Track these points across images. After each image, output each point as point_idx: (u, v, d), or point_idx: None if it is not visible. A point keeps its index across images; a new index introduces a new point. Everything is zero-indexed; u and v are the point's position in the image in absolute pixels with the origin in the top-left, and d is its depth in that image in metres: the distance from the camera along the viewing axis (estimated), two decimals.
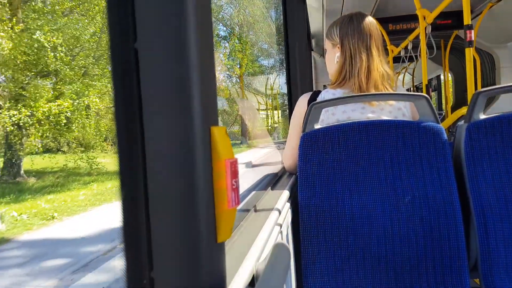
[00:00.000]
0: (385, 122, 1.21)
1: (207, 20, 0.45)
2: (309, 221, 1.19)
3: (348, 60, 1.35)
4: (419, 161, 1.19)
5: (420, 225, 1.15)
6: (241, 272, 0.59)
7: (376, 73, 1.32)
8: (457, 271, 1.12)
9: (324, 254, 1.17)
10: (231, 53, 21.37)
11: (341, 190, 1.19)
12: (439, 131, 1.19)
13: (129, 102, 0.41)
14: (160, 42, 0.41)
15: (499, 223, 1.16)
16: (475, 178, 1.19)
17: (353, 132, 1.21)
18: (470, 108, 1.22)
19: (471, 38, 2.12)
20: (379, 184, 1.19)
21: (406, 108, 1.35)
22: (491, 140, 1.20)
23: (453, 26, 3.64)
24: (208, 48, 0.45)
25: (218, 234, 0.44)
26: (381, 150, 1.20)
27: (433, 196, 1.16)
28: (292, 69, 2.31)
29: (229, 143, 0.47)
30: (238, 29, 21.40)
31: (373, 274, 1.15)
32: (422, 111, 1.23)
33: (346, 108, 1.32)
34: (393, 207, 1.17)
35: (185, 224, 0.41)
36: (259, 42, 22.75)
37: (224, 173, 0.45)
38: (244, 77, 21.45)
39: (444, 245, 1.13)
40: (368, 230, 1.16)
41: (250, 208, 0.97)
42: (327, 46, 1.50)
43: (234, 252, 0.67)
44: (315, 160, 1.22)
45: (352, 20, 1.38)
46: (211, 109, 0.45)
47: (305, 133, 1.24)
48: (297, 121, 1.43)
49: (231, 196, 0.45)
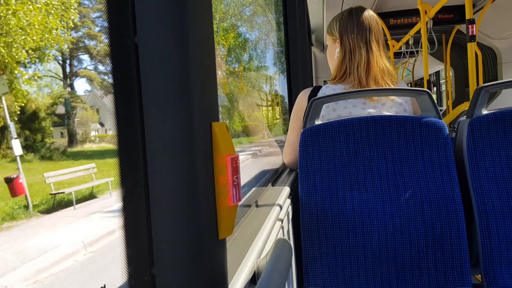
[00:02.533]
0: (387, 118, 1.21)
1: (207, 15, 0.44)
2: (310, 218, 1.18)
3: (348, 55, 1.35)
4: (421, 157, 1.19)
5: (422, 221, 1.15)
6: (242, 269, 0.58)
7: (376, 68, 1.32)
8: (459, 268, 1.12)
9: (325, 250, 1.17)
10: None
11: (342, 187, 1.19)
12: (441, 127, 1.19)
13: (129, 98, 0.41)
14: (161, 37, 0.40)
15: (500, 219, 1.15)
16: (477, 174, 1.19)
17: (354, 127, 1.20)
18: (472, 104, 1.22)
19: (473, 33, 2.11)
20: (380, 180, 1.18)
21: (407, 103, 1.34)
22: (493, 136, 1.19)
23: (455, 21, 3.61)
24: (209, 44, 0.44)
25: (220, 231, 0.44)
26: (382, 145, 1.20)
27: (434, 192, 1.16)
28: (292, 64, 2.30)
29: (229, 139, 0.46)
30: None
31: (374, 270, 1.15)
32: (423, 107, 1.23)
33: (347, 104, 1.31)
34: (394, 203, 1.16)
35: (186, 221, 0.41)
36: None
37: (225, 169, 0.44)
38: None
39: (445, 241, 1.13)
40: (369, 226, 1.16)
41: (251, 204, 0.96)
42: (328, 41, 1.49)
43: (235, 248, 0.67)
44: (315, 156, 1.21)
45: (351, 14, 1.37)
46: (212, 105, 0.44)
47: (305, 129, 1.23)
48: (297, 116, 1.42)
49: (232, 192, 0.45)
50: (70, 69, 28.77)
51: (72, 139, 26.06)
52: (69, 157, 18.83)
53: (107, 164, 14.50)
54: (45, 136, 20.23)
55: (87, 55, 29.84)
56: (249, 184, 1.26)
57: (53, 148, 20.04)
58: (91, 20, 28.62)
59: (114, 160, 0.41)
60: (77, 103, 27.95)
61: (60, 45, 15.28)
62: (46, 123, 21.10)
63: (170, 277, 0.42)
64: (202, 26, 0.43)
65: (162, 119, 0.40)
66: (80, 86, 58.28)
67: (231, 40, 17.99)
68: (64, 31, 15.31)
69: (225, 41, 17.32)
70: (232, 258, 0.59)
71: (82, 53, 29.39)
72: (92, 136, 28.71)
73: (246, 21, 19.97)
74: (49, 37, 12.87)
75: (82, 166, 11.52)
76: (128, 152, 0.41)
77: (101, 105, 31.62)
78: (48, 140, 20.72)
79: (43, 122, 20.40)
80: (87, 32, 28.31)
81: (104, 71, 29.85)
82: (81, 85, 60.88)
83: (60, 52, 25.22)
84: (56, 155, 18.76)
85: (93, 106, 31.45)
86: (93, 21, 28.83)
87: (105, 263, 5.54)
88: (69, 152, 20.86)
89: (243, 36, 19.35)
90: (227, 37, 17.54)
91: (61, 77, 28.57)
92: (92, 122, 29.72)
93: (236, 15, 19.63)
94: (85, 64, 30.62)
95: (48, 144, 20.13)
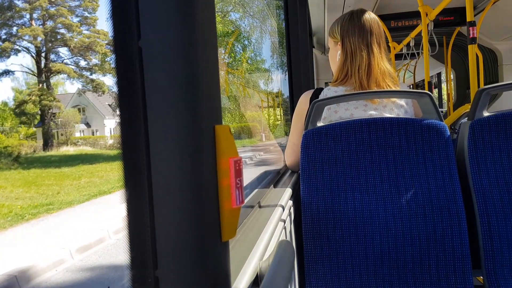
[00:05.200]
0: (388, 120, 1.21)
1: (211, 18, 0.44)
2: (312, 219, 1.18)
3: (349, 58, 1.35)
4: (422, 159, 1.19)
5: (423, 223, 1.15)
6: (245, 271, 0.58)
7: (377, 70, 1.32)
8: (461, 270, 1.12)
9: (326, 252, 1.17)
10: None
11: (343, 188, 1.19)
12: (442, 129, 1.19)
13: (133, 101, 0.41)
14: (164, 41, 0.40)
15: (502, 221, 1.15)
16: (479, 176, 1.19)
17: (355, 129, 1.21)
18: (473, 105, 1.22)
19: (474, 35, 2.11)
20: (381, 181, 1.18)
21: (408, 105, 1.35)
22: (494, 138, 1.19)
23: (456, 23, 3.62)
24: (212, 46, 0.45)
25: (223, 233, 0.44)
26: (383, 147, 1.20)
27: (436, 194, 1.16)
28: (294, 66, 2.31)
29: (233, 142, 0.46)
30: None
31: (375, 272, 1.15)
32: (425, 109, 1.23)
33: (349, 106, 1.31)
34: (396, 205, 1.16)
35: (189, 223, 0.41)
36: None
37: (228, 172, 0.44)
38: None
39: (447, 243, 1.13)
40: (370, 228, 1.16)
41: (254, 205, 0.97)
42: (329, 43, 1.49)
43: (238, 250, 0.67)
44: (317, 158, 1.21)
45: (353, 17, 1.38)
46: (215, 108, 0.45)
47: (307, 130, 1.23)
48: (298, 118, 1.43)
49: (235, 195, 0.45)
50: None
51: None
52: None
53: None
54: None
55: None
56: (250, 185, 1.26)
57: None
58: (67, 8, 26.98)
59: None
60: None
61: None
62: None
63: (173, 279, 0.42)
64: (206, 30, 0.43)
65: (165, 122, 0.40)
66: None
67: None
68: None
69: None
70: (235, 260, 0.59)
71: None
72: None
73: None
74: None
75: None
76: (132, 154, 0.41)
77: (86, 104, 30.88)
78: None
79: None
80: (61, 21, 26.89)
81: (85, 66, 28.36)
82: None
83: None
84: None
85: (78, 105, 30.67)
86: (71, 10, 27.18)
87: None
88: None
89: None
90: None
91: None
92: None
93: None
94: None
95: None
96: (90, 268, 5.39)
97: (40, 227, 7.70)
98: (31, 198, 11.20)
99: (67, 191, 11.94)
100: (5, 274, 4.94)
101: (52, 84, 29.28)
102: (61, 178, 14.56)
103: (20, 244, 6.56)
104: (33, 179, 14.48)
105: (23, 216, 8.78)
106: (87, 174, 15.13)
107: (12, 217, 8.83)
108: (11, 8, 24.62)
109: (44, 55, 27.42)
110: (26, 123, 26.07)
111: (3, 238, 7.15)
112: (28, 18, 25.52)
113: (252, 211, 0.93)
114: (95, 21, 28.80)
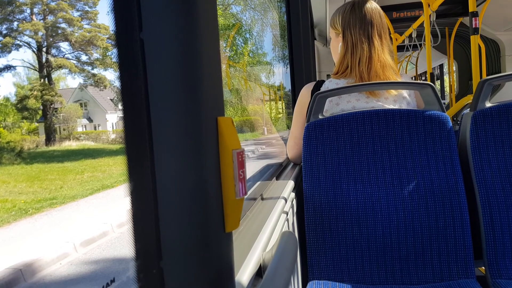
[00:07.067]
0: (390, 111, 1.21)
1: (212, 10, 0.44)
2: (314, 211, 1.19)
3: (350, 50, 1.34)
4: (424, 150, 1.19)
5: (425, 214, 1.15)
6: (248, 262, 0.59)
7: (377, 63, 1.31)
8: (463, 260, 1.13)
9: (329, 243, 1.17)
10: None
11: (345, 180, 1.19)
12: (445, 120, 1.19)
13: (135, 93, 0.41)
14: (166, 32, 0.40)
15: (504, 211, 1.15)
16: (481, 166, 1.18)
17: (357, 121, 1.21)
18: (476, 96, 1.21)
19: (477, 26, 2.10)
20: (383, 173, 1.19)
21: (410, 96, 1.34)
22: (497, 128, 1.19)
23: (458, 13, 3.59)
24: (214, 38, 0.45)
25: (226, 224, 0.44)
26: (386, 139, 1.20)
27: (438, 185, 1.16)
28: (296, 59, 2.30)
29: (235, 133, 0.47)
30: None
31: (378, 262, 1.15)
32: (427, 100, 1.23)
33: (350, 98, 1.31)
34: (398, 196, 1.17)
35: (193, 214, 0.42)
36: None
37: (231, 164, 0.45)
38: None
39: (449, 234, 1.14)
40: (372, 220, 1.16)
41: (257, 197, 0.97)
42: (331, 34, 1.49)
43: (242, 241, 0.68)
44: (319, 150, 1.22)
45: (354, 8, 1.37)
46: (217, 100, 0.45)
47: (309, 123, 1.23)
48: (300, 111, 1.43)
49: (238, 187, 0.45)
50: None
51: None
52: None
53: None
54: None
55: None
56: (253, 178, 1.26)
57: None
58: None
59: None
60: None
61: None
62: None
63: (177, 270, 0.42)
64: (207, 21, 0.43)
65: (168, 114, 0.41)
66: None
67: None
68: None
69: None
70: (238, 251, 0.60)
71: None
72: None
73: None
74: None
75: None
76: (136, 147, 0.42)
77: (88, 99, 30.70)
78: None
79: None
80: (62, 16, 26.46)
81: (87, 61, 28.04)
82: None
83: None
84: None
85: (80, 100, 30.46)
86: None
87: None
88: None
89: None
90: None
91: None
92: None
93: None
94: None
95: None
96: (94, 262, 5.43)
97: (44, 222, 7.75)
98: (35, 193, 11.25)
99: (70, 186, 11.99)
100: (10, 267, 4.99)
101: (54, 79, 29.14)
102: (64, 172, 14.61)
103: (24, 238, 6.61)
104: (36, 174, 14.53)
105: (27, 210, 8.83)
106: (90, 169, 15.17)
107: (16, 211, 8.88)
108: (11, 3, 24.55)
109: (45, 50, 27.25)
110: (28, 118, 26.06)
111: (8, 233, 7.21)
112: (29, 12, 25.40)
113: (255, 203, 0.94)
114: (96, 15, 28.63)
